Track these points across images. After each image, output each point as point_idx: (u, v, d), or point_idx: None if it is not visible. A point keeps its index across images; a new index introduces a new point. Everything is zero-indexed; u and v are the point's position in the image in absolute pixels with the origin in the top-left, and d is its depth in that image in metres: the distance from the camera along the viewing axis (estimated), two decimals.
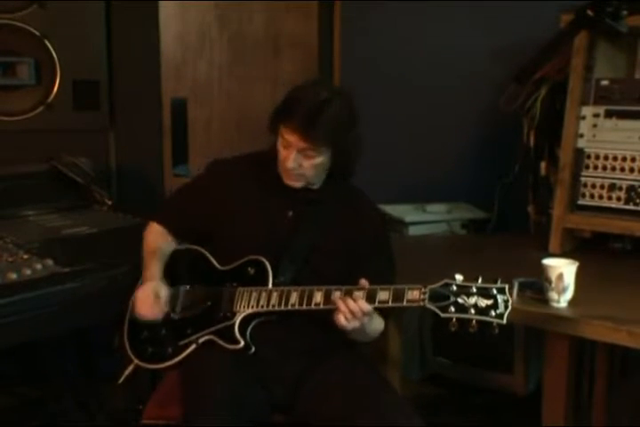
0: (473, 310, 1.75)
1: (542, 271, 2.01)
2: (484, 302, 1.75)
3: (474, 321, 1.75)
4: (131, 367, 2.08)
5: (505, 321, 1.74)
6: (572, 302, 2.00)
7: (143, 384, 2.23)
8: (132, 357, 2.08)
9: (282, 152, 2.01)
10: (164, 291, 2.06)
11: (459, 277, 1.79)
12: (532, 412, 2.47)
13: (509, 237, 2.72)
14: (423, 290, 1.80)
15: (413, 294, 1.81)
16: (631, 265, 2.36)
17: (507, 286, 1.77)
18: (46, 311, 2.19)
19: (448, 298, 1.77)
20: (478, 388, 2.99)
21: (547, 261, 2.02)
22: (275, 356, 1.99)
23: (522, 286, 2.07)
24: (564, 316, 1.96)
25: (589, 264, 2.14)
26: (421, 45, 3.14)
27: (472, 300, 1.76)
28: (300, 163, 1.98)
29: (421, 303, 1.79)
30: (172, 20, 3.30)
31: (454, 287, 1.78)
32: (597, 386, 2.60)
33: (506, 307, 1.74)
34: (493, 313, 1.74)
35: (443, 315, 1.77)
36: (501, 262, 2.43)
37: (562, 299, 1.99)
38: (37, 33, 2.99)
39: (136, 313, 2.06)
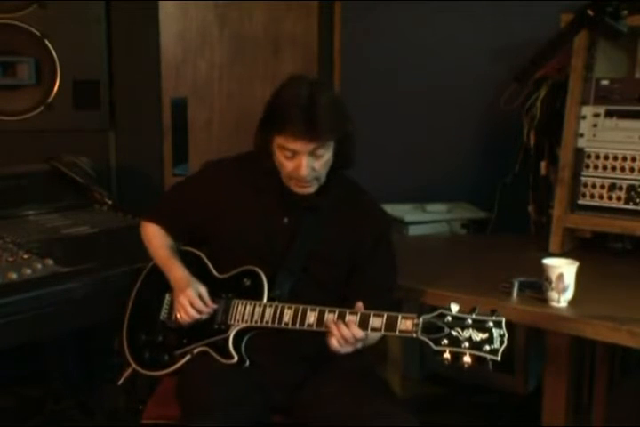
0: (467, 344, 1.67)
1: (542, 271, 2.01)
2: (478, 336, 1.67)
3: (467, 355, 1.67)
4: (129, 370, 2.08)
5: (499, 358, 1.66)
6: (572, 302, 1.99)
7: (143, 385, 2.23)
8: (131, 361, 2.07)
9: (287, 164, 1.90)
10: (203, 288, 1.99)
11: (454, 308, 1.72)
12: (532, 412, 2.48)
13: (509, 237, 2.72)
14: (416, 321, 1.74)
15: (406, 324, 1.75)
16: (631, 265, 2.35)
17: (503, 320, 1.68)
18: (46, 311, 2.18)
19: (442, 330, 1.70)
20: (478, 388, 2.99)
21: (547, 261, 2.02)
22: (273, 362, 1.99)
23: (522, 286, 2.07)
24: (563, 316, 1.96)
25: (589, 264, 2.14)
26: (421, 45, 3.14)
27: (466, 333, 1.68)
28: (313, 166, 1.90)
29: (414, 335, 1.73)
30: (172, 19, 3.30)
31: (449, 318, 1.71)
32: (597, 386, 2.60)
33: (501, 342, 1.66)
34: (487, 348, 1.66)
35: (435, 348, 1.70)
36: (501, 262, 2.43)
37: (562, 299, 1.99)
38: (37, 33, 3.00)
39: (181, 320, 1.98)
